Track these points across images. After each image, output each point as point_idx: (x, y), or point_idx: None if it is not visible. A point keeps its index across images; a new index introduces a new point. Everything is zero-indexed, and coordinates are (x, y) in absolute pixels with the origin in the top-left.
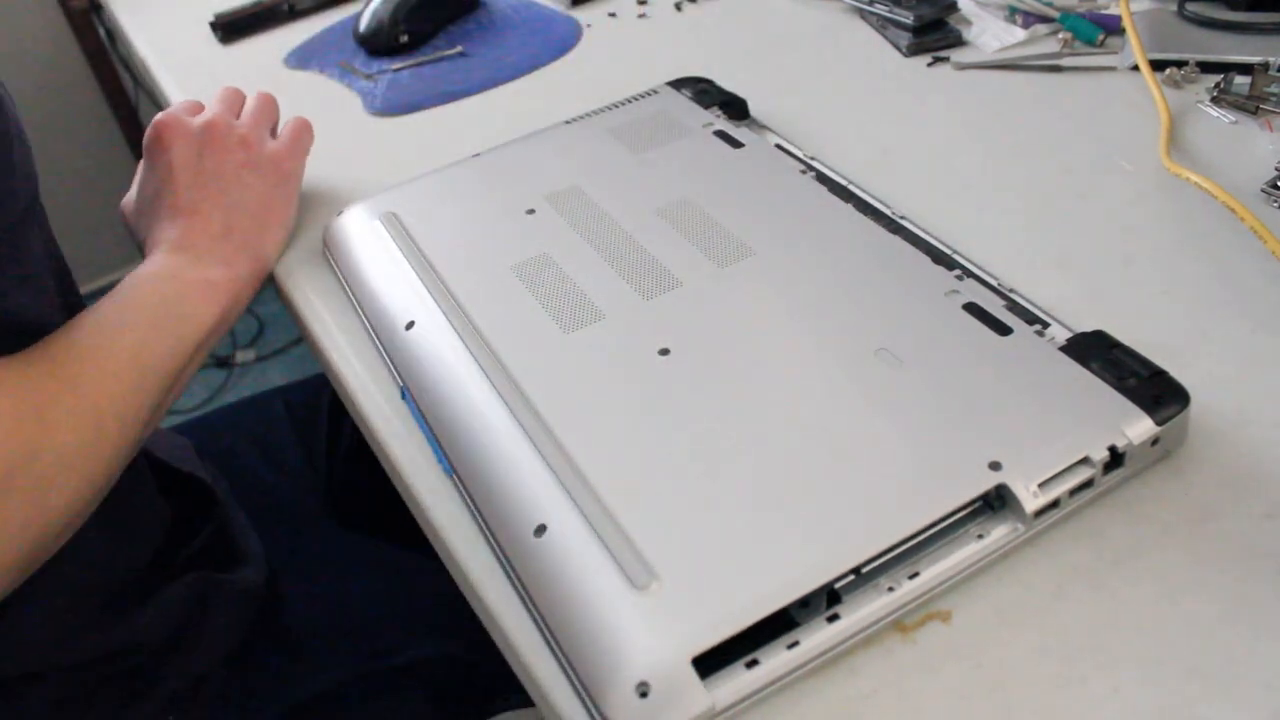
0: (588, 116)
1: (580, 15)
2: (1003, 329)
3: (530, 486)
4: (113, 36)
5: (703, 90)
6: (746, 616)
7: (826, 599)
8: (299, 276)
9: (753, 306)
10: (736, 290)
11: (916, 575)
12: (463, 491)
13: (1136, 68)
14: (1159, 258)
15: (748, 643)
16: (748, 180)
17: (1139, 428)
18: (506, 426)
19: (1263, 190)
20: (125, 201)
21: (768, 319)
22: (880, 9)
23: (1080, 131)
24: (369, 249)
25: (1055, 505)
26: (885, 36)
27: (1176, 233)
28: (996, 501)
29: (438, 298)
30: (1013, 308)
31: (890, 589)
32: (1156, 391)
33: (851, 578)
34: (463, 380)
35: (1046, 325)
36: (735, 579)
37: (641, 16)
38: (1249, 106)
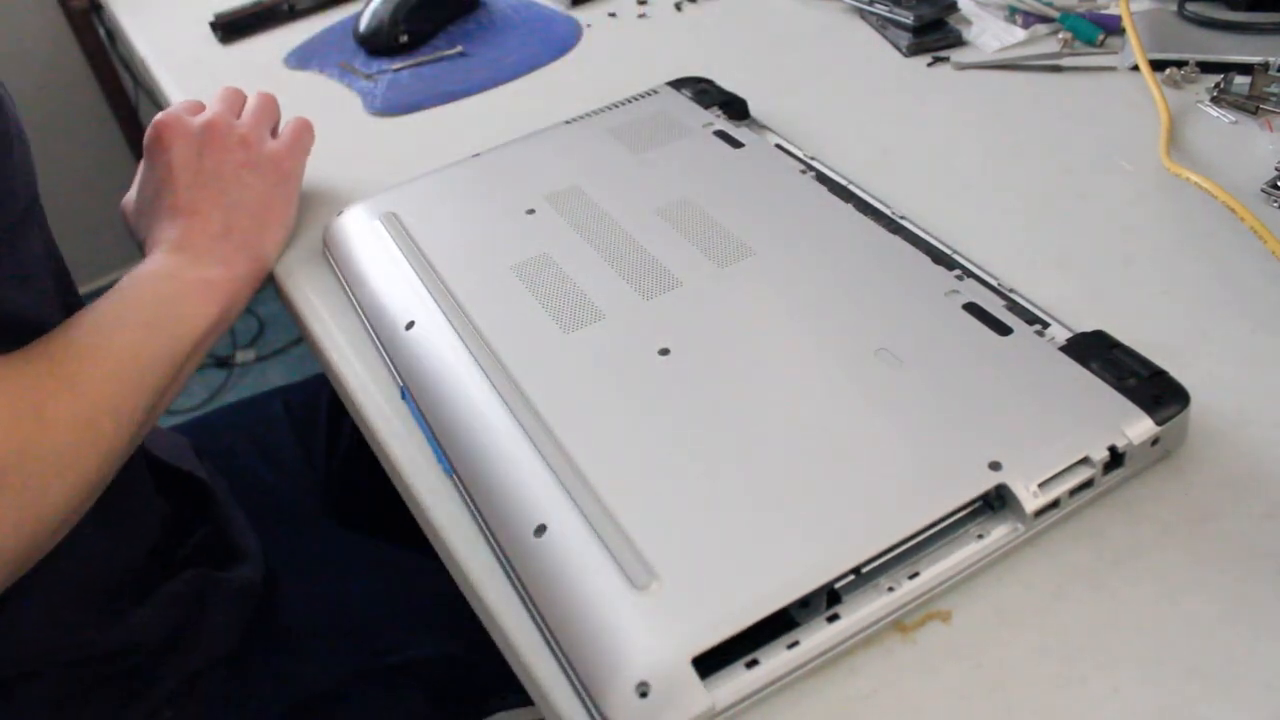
0: (588, 116)
1: (580, 15)
2: (1003, 329)
3: (530, 486)
4: (113, 36)
5: (703, 90)
6: (746, 616)
7: (826, 599)
8: (299, 276)
9: (753, 306)
10: (736, 290)
11: (916, 575)
12: (463, 491)
13: (1136, 68)
14: (1159, 258)
15: (748, 643)
16: (748, 180)
17: (1139, 428)
18: (506, 426)
19: (1263, 190)
20: (125, 201)
21: (768, 319)
22: (880, 9)
23: (1080, 131)
24: (369, 249)
25: (1055, 505)
26: (885, 36)
27: (1176, 233)
28: (996, 501)
29: (438, 298)
30: (1013, 308)
31: (890, 589)
32: (1156, 391)
33: (851, 578)
34: (463, 380)
35: (1046, 325)
36: (735, 579)
37: (641, 16)
38: (1249, 106)
